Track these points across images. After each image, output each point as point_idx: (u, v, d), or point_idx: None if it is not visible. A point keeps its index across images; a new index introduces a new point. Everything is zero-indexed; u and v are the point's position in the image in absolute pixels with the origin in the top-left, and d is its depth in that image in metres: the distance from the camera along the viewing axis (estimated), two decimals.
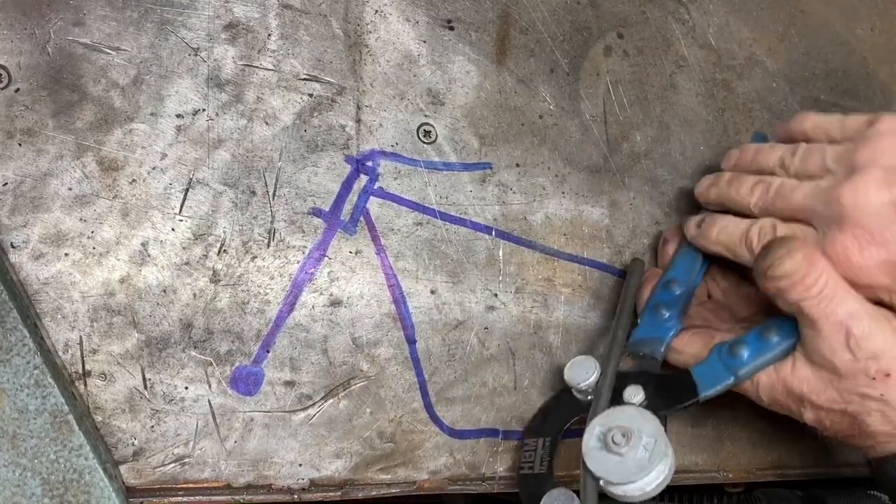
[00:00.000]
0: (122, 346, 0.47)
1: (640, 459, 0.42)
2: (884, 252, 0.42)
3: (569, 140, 0.58)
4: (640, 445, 0.42)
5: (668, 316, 0.51)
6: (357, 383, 0.51)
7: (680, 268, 0.54)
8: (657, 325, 0.51)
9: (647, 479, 0.42)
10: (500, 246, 0.55)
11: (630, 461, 0.42)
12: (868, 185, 0.42)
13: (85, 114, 0.47)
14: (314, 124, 0.51)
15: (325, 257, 0.51)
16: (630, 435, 0.43)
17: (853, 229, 0.42)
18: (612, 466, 0.43)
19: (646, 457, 0.42)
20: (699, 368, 0.48)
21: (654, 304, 0.52)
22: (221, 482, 0.48)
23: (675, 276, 0.53)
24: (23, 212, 0.46)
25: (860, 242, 0.42)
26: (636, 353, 0.50)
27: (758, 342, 0.47)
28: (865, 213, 0.42)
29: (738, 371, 0.47)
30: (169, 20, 0.49)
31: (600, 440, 0.44)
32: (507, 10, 0.57)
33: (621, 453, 0.43)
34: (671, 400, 0.48)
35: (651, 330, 0.51)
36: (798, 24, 0.67)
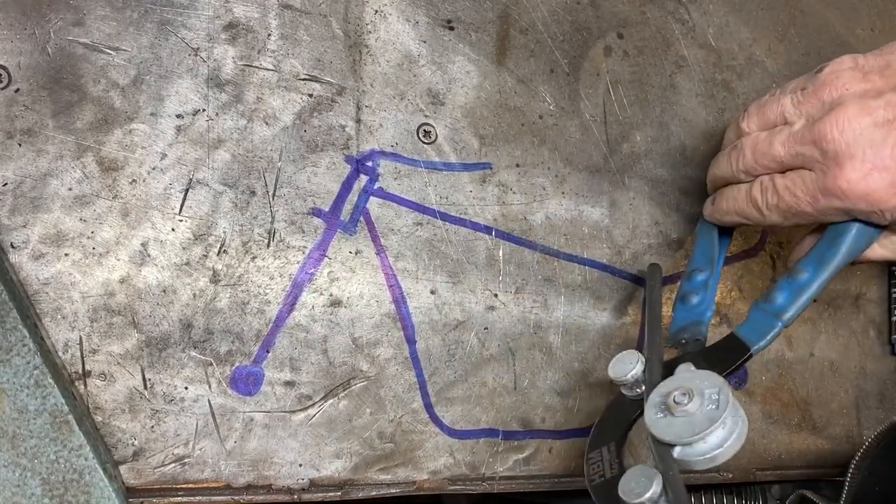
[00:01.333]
0: (122, 346, 0.47)
1: (708, 411, 0.39)
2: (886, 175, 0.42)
3: (569, 140, 0.58)
4: (706, 399, 0.40)
5: (698, 301, 0.51)
6: (357, 383, 0.51)
7: (699, 257, 0.54)
8: (690, 311, 0.51)
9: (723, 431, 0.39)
10: (500, 246, 0.55)
11: (698, 417, 0.40)
12: (848, 116, 0.43)
13: (85, 114, 0.47)
14: (314, 124, 0.51)
15: (325, 257, 0.51)
16: (691, 392, 0.40)
17: (850, 161, 0.42)
18: (680, 428, 0.40)
19: (714, 408, 0.39)
20: (742, 329, 0.48)
21: (682, 295, 0.52)
22: (221, 482, 0.48)
23: (697, 265, 0.53)
24: (23, 212, 0.45)
25: (862, 171, 0.42)
26: (678, 341, 0.50)
27: (790, 286, 0.47)
28: (855, 143, 0.42)
29: (783, 315, 0.46)
30: (169, 20, 0.49)
31: (661, 408, 0.41)
32: (507, 10, 0.57)
33: (688, 411, 0.40)
34: (725, 364, 0.46)
35: (686, 317, 0.51)
36: (798, 24, 0.67)
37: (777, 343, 0.62)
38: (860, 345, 0.66)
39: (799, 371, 0.63)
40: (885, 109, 0.42)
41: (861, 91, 0.43)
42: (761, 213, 0.49)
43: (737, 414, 0.40)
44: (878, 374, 0.66)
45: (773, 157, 0.47)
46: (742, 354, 0.46)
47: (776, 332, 0.47)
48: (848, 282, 0.66)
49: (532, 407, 0.55)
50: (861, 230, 0.47)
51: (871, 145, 0.42)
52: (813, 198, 0.45)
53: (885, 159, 0.42)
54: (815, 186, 0.44)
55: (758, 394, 0.61)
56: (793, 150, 0.45)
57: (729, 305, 0.62)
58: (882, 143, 0.42)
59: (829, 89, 0.44)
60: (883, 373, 0.66)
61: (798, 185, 0.45)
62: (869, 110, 0.42)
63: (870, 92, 0.43)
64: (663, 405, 0.41)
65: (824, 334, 0.65)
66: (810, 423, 0.63)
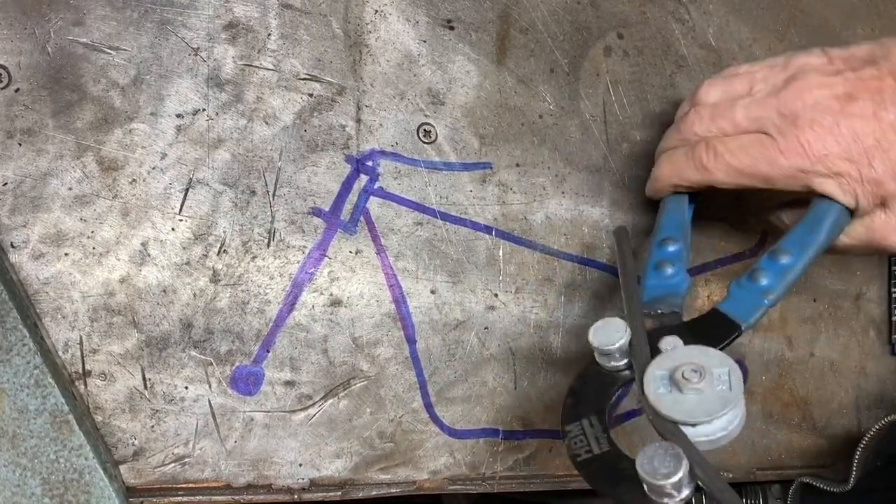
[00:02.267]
0: (122, 346, 0.47)
1: (721, 391, 0.38)
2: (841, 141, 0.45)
3: (569, 140, 0.58)
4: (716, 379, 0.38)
5: (673, 271, 0.49)
6: (357, 383, 0.51)
7: (669, 226, 0.52)
8: (665, 281, 0.49)
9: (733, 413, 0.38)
10: (500, 246, 0.55)
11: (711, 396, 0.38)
12: (809, 86, 0.46)
13: (85, 114, 0.47)
14: (314, 124, 0.51)
15: (325, 257, 0.51)
16: (702, 370, 0.38)
17: (809, 124, 0.45)
18: (691, 406, 0.38)
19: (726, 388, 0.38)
20: (726, 305, 0.46)
21: (655, 263, 0.50)
22: (221, 482, 0.48)
23: (668, 234, 0.51)
24: (23, 212, 0.45)
25: (819, 134, 0.45)
26: (653, 312, 0.48)
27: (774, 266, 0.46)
28: (814, 108, 0.45)
29: (769, 295, 0.46)
30: (169, 20, 0.49)
31: (667, 383, 0.39)
32: (507, 10, 0.57)
33: (700, 389, 0.38)
34: (714, 340, 0.44)
35: (661, 288, 0.49)
36: (798, 24, 0.67)
37: (777, 343, 0.62)
38: (860, 345, 0.66)
39: (799, 371, 0.63)
40: (843, 85, 0.45)
41: (824, 70, 0.47)
42: (702, 171, 0.49)
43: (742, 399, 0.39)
44: (878, 374, 0.66)
45: (731, 120, 0.48)
46: (732, 331, 0.45)
47: (764, 310, 0.46)
48: (848, 282, 0.66)
49: (532, 407, 0.55)
50: (839, 213, 0.47)
51: (829, 112, 0.45)
52: (771, 158, 0.46)
53: (841, 127, 0.45)
54: (774, 147, 0.46)
55: (758, 394, 0.61)
56: (753, 113, 0.47)
57: None
58: (839, 112, 0.45)
59: (795, 68, 0.47)
60: (883, 373, 0.66)
61: (755, 146, 0.47)
62: (829, 84, 0.46)
63: (831, 70, 0.46)
64: (669, 380, 0.39)
65: (824, 334, 0.65)
66: (810, 422, 0.63)
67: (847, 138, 0.45)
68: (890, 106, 0.44)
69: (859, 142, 0.44)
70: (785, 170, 0.46)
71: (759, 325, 0.62)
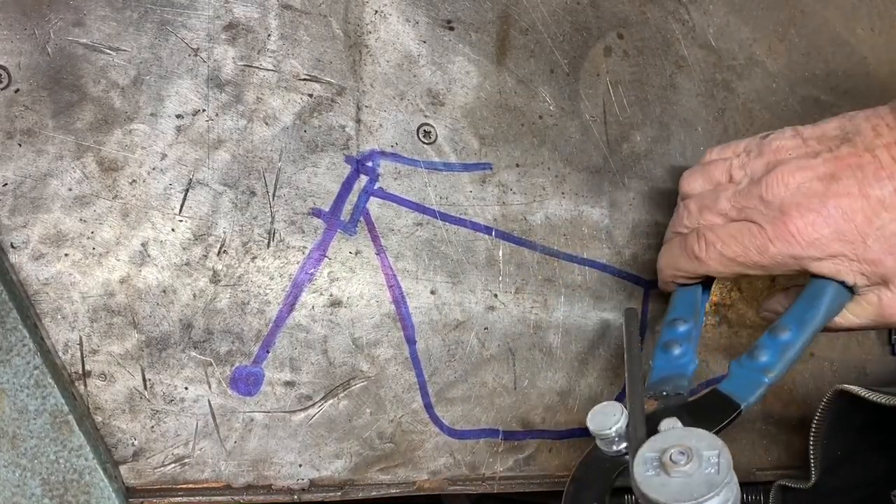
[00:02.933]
0: (122, 346, 0.47)
1: (708, 475, 0.37)
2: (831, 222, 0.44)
3: (569, 140, 0.58)
4: (704, 462, 0.38)
5: (680, 352, 0.49)
6: (357, 383, 0.51)
7: (681, 306, 0.52)
8: (673, 362, 0.49)
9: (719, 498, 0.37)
10: (500, 246, 0.55)
11: (697, 481, 0.37)
12: (790, 171, 0.45)
13: (85, 114, 0.47)
14: (314, 124, 0.51)
15: (325, 258, 0.51)
16: (690, 452, 0.38)
17: (796, 209, 0.45)
18: (677, 490, 0.37)
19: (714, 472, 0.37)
20: (726, 385, 0.46)
21: (663, 343, 0.50)
22: (221, 482, 0.48)
23: (679, 315, 0.51)
24: (23, 212, 0.46)
25: (807, 218, 0.45)
26: (658, 393, 0.48)
27: (773, 344, 0.46)
28: (799, 192, 0.45)
29: (769, 373, 0.46)
30: (169, 20, 0.49)
31: (655, 466, 0.39)
32: (507, 10, 0.57)
33: (686, 472, 0.37)
34: (712, 422, 0.44)
35: (668, 368, 0.49)
36: (798, 24, 0.67)
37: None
38: (860, 345, 0.66)
39: (799, 371, 0.63)
40: (823, 165, 0.45)
41: (801, 153, 0.46)
42: (698, 262, 0.49)
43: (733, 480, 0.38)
44: (878, 374, 0.66)
45: (719, 211, 0.48)
46: (732, 411, 0.45)
47: (764, 389, 0.45)
48: None
49: (532, 407, 0.55)
50: (837, 289, 0.47)
51: (814, 195, 0.44)
52: (762, 246, 0.46)
53: (829, 208, 0.44)
54: (764, 236, 0.46)
55: None
56: (738, 203, 0.47)
57: (729, 306, 0.62)
58: (824, 194, 0.44)
59: (772, 153, 0.47)
60: (883, 373, 0.66)
61: (745, 235, 0.46)
62: (809, 166, 0.45)
63: (807, 152, 0.46)
64: (657, 462, 0.39)
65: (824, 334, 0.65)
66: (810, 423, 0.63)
67: (837, 219, 0.44)
68: (874, 182, 0.43)
69: (849, 221, 0.44)
70: (777, 258, 0.46)
71: (759, 324, 0.62)
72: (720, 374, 0.61)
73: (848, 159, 0.44)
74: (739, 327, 0.62)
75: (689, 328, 0.51)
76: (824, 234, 0.44)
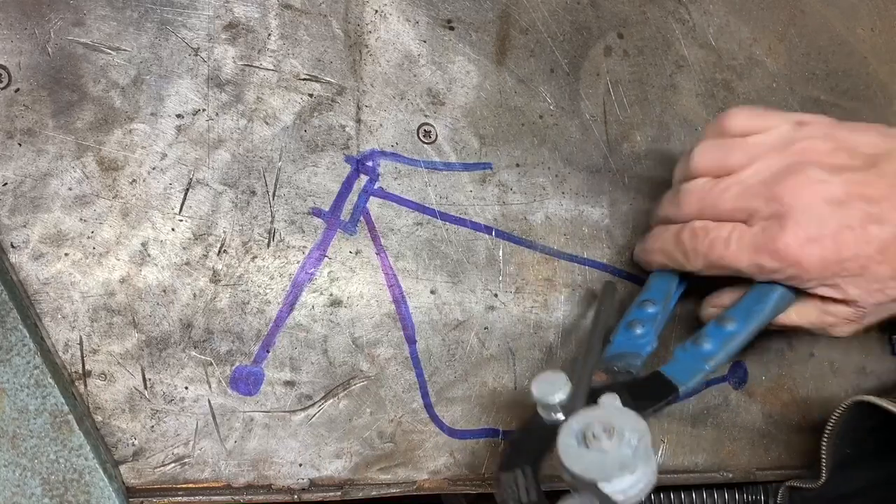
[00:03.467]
0: (122, 346, 0.47)
1: (623, 456, 0.38)
2: (820, 249, 0.44)
3: (569, 140, 0.58)
4: (624, 442, 0.39)
5: (642, 332, 0.50)
6: (357, 383, 0.51)
7: (655, 289, 0.53)
8: (632, 340, 0.50)
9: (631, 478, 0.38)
10: (500, 246, 0.55)
11: (611, 458, 0.38)
12: (808, 184, 0.44)
13: (85, 114, 0.47)
14: (314, 124, 0.51)
15: (325, 257, 0.51)
16: (612, 430, 0.39)
17: (794, 226, 0.44)
18: (590, 464, 0.38)
19: (629, 454, 0.38)
20: (668, 368, 0.47)
21: (628, 322, 0.51)
22: (221, 482, 0.48)
23: (651, 297, 0.52)
24: (23, 212, 0.46)
25: (799, 239, 0.44)
26: (610, 368, 0.49)
27: (718, 333, 0.48)
28: (805, 211, 0.44)
29: (710, 360, 0.47)
30: (169, 20, 0.49)
31: (578, 437, 0.40)
32: (507, 10, 0.57)
33: (603, 449, 0.39)
34: (650, 400, 0.46)
35: (626, 346, 0.50)
36: (798, 24, 0.67)
37: (777, 343, 0.62)
38: (860, 345, 0.66)
39: (799, 371, 0.63)
40: (840, 187, 0.44)
41: (825, 163, 0.45)
42: (685, 258, 0.49)
43: (648, 465, 0.38)
44: (878, 374, 0.66)
45: (720, 212, 0.48)
46: (669, 393, 0.46)
47: (703, 374, 0.47)
48: None
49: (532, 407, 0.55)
50: (785, 292, 0.48)
51: (816, 219, 0.43)
52: (750, 256, 0.46)
53: (825, 235, 0.43)
54: (753, 242, 0.45)
55: (758, 394, 0.61)
56: (743, 204, 0.46)
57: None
58: (827, 219, 0.43)
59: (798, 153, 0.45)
60: (883, 373, 0.66)
61: (735, 239, 0.46)
62: (825, 185, 0.44)
63: (833, 167, 0.44)
64: (581, 434, 0.40)
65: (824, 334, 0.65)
66: (810, 423, 0.63)
67: (829, 251, 0.43)
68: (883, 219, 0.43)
69: (838, 254, 0.43)
70: (758, 267, 0.46)
71: None
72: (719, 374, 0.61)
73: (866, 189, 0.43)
74: None
75: (656, 311, 0.51)
76: (810, 260, 0.44)
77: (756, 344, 0.62)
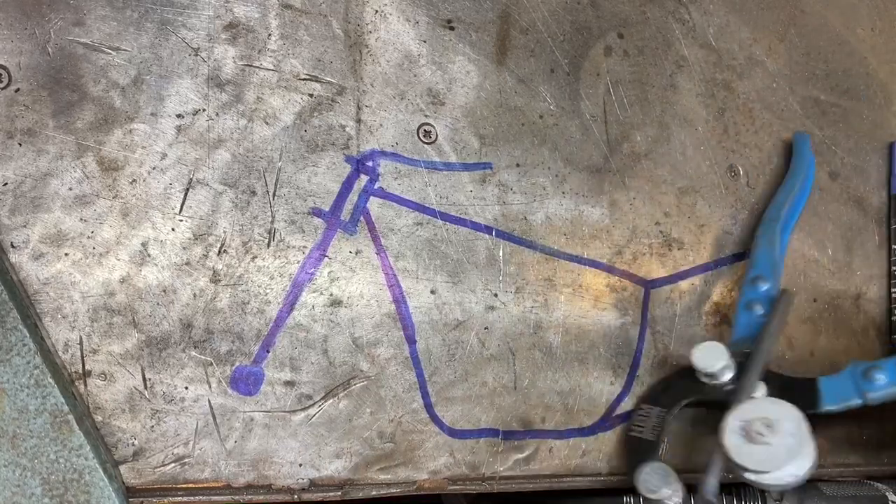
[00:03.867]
0: (122, 346, 0.47)
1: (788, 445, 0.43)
2: None
3: (569, 140, 0.58)
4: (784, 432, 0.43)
5: (763, 312, 0.52)
6: (357, 383, 0.51)
7: (760, 262, 0.54)
8: (756, 321, 0.52)
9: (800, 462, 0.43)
10: (500, 246, 0.55)
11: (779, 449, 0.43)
12: None
13: (85, 114, 0.47)
14: (314, 124, 0.51)
15: (325, 257, 0.51)
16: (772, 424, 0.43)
17: None
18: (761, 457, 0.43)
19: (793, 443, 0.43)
20: (827, 380, 0.49)
21: (746, 302, 0.53)
22: (221, 482, 0.48)
23: (760, 272, 0.53)
24: (23, 212, 0.45)
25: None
26: (739, 351, 0.51)
27: None
28: None
29: (868, 395, 0.48)
30: (169, 20, 0.49)
31: (741, 434, 0.44)
32: (507, 10, 0.57)
33: (769, 442, 0.43)
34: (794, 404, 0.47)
35: (750, 328, 0.52)
36: (798, 24, 0.67)
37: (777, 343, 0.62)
38: (860, 345, 0.66)
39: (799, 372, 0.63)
40: None
41: None
42: None
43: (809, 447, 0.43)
44: None
45: None
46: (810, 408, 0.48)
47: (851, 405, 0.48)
48: (848, 282, 0.66)
49: (532, 407, 0.55)
50: None
51: None
52: None
53: None
54: None
55: None
56: None
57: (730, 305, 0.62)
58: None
59: None
60: None
61: None
62: None
63: None
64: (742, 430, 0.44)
65: (824, 334, 0.65)
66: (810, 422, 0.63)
67: None
68: None
69: None
70: None
71: None
72: None
73: None
74: None
75: (769, 287, 0.53)
76: None
77: None
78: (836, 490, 0.60)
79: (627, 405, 0.57)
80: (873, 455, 0.63)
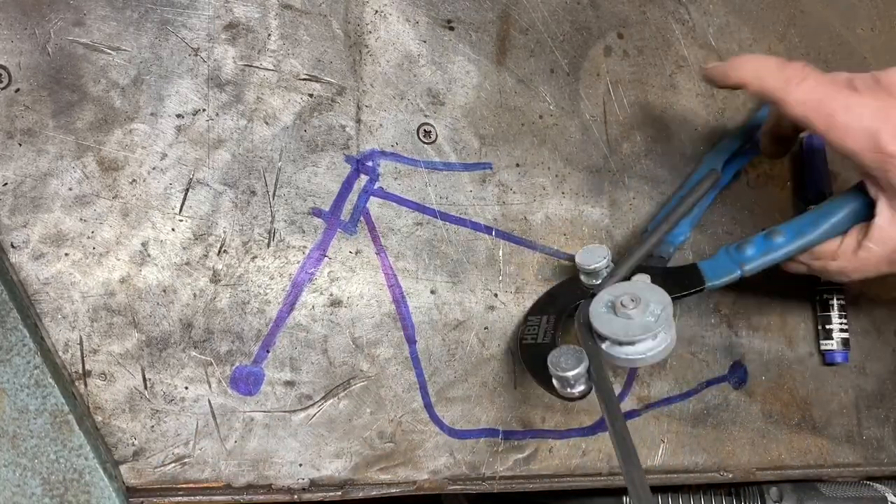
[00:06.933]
0: (123, 346, 0.47)
1: (646, 322, 0.43)
2: None
3: (569, 140, 0.58)
4: (648, 311, 0.44)
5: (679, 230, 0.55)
6: (357, 383, 0.51)
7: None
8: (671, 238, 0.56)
9: (652, 342, 0.43)
10: (500, 246, 0.55)
11: (636, 323, 0.44)
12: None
13: (85, 114, 0.47)
14: (314, 124, 0.51)
15: (325, 257, 0.51)
16: (639, 300, 0.44)
17: None
18: (618, 327, 0.44)
19: (652, 321, 0.43)
20: (705, 263, 0.52)
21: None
22: (221, 482, 0.48)
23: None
24: (23, 212, 0.46)
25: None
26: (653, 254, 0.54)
27: (763, 243, 0.51)
28: None
29: (745, 266, 0.50)
30: (169, 20, 0.49)
31: (608, 305, 0.45)
32: (507, 10, 0.57)
33: (630, 316, 0.44)
34: (678, 288, 0.51)
35: None
36: (798, 24, 0.67)
37: (777, 343, 0.62)
38: (860, 345, 0.66)
39: (799, 371, 0.63)
40: None
41: None
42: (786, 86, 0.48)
43: (668, 332, 0.44)
44: (878, 374, 0.66)
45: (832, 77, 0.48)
46: (696, 286, 0.51)
47: (733, 278, 0.51)
48: None
49: (532, 407, 0.55)
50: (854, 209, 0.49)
51: None
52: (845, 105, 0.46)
53: None
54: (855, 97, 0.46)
55: (758, 394, 0.61)
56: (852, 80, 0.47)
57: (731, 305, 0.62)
58: None
59: None
60: (883, 373, 0.66)
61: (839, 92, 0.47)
62: None
63: None
64: (610, 303, 0.45)
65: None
66: (810, 423, 0.63)
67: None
68: None
69: None
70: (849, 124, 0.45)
71: (759, 324, 0.62)
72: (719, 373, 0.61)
73: None
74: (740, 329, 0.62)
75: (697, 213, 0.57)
76: None
77: (756, 344, 0.62)
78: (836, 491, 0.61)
79: (628, 404, 0.57)
80: (873, 455, 0.63)
